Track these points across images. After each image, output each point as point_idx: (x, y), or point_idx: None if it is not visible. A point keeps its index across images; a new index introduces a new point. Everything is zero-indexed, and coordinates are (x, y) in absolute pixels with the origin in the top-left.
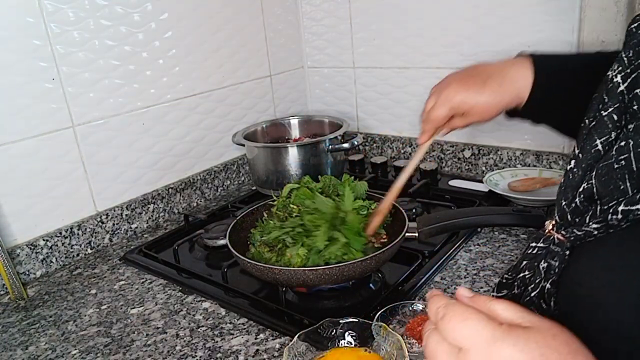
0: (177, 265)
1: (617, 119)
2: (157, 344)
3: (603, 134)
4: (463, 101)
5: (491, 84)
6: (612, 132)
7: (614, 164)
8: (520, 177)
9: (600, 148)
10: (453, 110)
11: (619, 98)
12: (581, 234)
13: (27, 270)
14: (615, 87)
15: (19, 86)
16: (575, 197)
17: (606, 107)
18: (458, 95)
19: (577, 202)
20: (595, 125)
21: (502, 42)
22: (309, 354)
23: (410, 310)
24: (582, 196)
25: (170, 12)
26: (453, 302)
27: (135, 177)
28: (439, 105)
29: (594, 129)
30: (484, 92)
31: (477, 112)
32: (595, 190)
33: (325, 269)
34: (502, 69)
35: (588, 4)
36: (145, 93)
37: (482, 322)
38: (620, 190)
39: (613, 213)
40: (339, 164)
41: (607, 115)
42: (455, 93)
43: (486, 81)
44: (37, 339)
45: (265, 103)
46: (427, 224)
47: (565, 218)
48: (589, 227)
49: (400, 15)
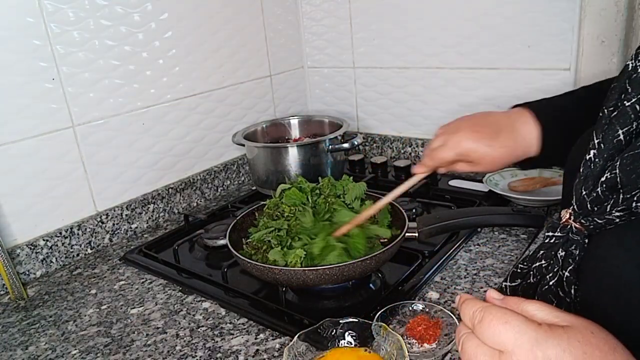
0: (177, 265)
1: (639, 109)
2: (157, 344)
3: (625, 124)
4: (473, 150)
5: (502, 137)
6: (634, 122)
7: (639, 154)
8: (520, 177)
9: (622, 138)
10: (460, 157)
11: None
12: (602, 222)
13: (27, 270)
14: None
15: (19, 86)
16: (596, 187)
17: (629, 97)
18: (469, 143)
19: (599, 191)
20: (617, 115)
21: (502, 42)
22: (309, 354)
23: (410, 310)
24: (604, 186)
25: (170, 12)
26: (489, 305)
27: (135, 177)
28: (448, 149)
29: (616, 118)
30: (496, 144)
31: (486, 162)
32: (619, 179)
33: (326, 269)
34: (510, 123)
35: (588, 4)
36: (145, 93)
37: (524, 324)
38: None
39: (638, 201)
40: (339, 164)
41: (630, 105)
42: (466, 140)
43: (498, 133)
44: (37, 339)
45: (265, 103)
46: (427, 224)
47: (585, 207)
48: (611, 215)
49: (400, 15)
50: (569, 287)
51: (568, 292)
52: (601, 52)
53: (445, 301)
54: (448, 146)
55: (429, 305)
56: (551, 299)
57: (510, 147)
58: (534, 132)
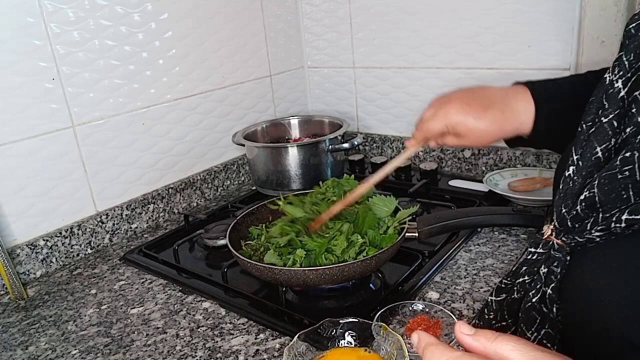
0: (177, 265)
1: (617, 125)
2: (157, 344)
3: (603, 141)
4: (461, 122)
5: (493, 111)
6: (612, 138)
7: (617, 174)
8: (520, 177)
9: (600, 155)
10: (449, 128)
11: (619, 104)
12: (583, 240)
13: (27, 270)
14: (616, 93)
15: (19, 86)
16: (576, 205)
17: (606, 113)
18: (458, 115)
19: (578, 209)
20: (594, 131)
21: (502, 42)
22: (309, 354)
23: (410, 310)
24: (584, 204)
25: (170, 12)
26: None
27: (135, 177)
28: (436, 120)
29: (594, 135)
30: (485, 118)
31: (473, 136)
32: (597, 199)
33: (326, 269)
34: (505, 98)
35: (588, 3)
36: (145, 93)
37: None
38: (623, 199)
39: (617, 222)
40: (339, 164)
41: (608, 122)
42: (455, 112)
43: (488, 108)
44: (37, 339)
45: (265, 103)
46: (427, 224)
47: (566, 224)
48: (591, 234)
49: (400, 15)
50: (551, 305)
51: (550, 309)
52: (601, 52)
53: (445, 301)
54: (436, 117)
55: (429, 305)
56: (534, 316)
57: (499, 121)
58: (529, 110)
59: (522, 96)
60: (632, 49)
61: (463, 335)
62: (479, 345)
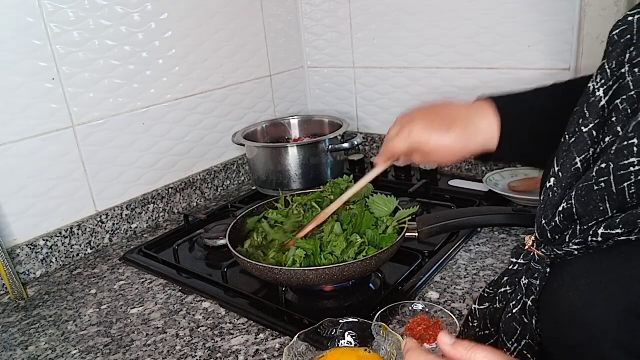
0: (177, 265)
1: (596, 135)
2: (157, 344)
3: (582, 152)
4: (424, 141)
5: (456, 130)
6: (590, 148)
7: (593, 186)
8: (520, 177)
9: (579, 166)
10: (413, 147)
11: (599, 113)
12: (562, 253)
13: (27, 270)
14: (597, 102)
15: (19, 86)
16: (555, 216)
17: (586, 122)
18: (421, 134)
19: (557, 221)
20: (574, 141)
21: (502, 42)
22: (309, 354)
23: (410, 310)
24: (562, 216)
25: (170, 12)
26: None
27: (135, 177)
28: (400, 139)
29: (574, 145)
30: (448, 136)
31: (438, 154)
32: (575, 210)
33: (325, 269)
34: (468, 115)
35: (588, 3)
36: (145, 93)
37: None
38: (600, 211)
39: (593, 235)
40: (339, 164)
41: (587, 131)
42: (418, 131)
43: (451, 126)
44: (37, 339)
45: (265, 103)
46: (427, 224)
47: (546, 236)
48: (570, 247)
49: (400, 15)
50: (530, 317)
51: (530, 320)
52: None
53: (445, 301)
54: (401, 137)
55: (429, 305)
56: (515, 327)
57: (463, 139)
58: (493, 126)
59: (486, 112)
60: (614, 57)
61: (443, 344)
62: (457, 353)
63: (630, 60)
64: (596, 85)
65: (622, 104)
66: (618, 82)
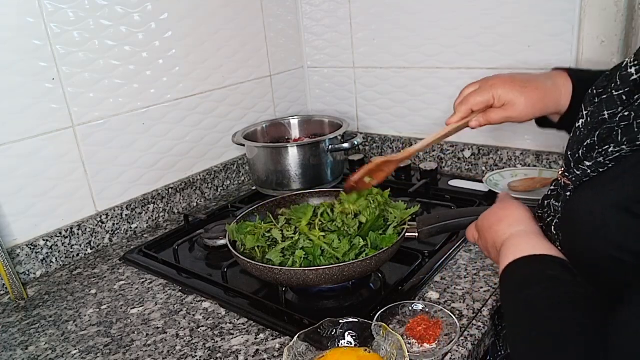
0: (177, 265)
1: (625, 99)
2: (157, 344)
3: (611, 108)
4: (506, 93)
5: (536, 83)
6: (619, 107)
7: (615, 127)
8: (520, 177)
9: (606, 117)
10: (494, 99)
11: (630, 84)
12: (579, 172)
13: (27, 270)
14: (629, 76)
15: (19, 86)
16: (579, 149)
17: (617, 88)
18: (503, 87)
19: (580, 153)
20: (606, 98)
21: (502, 42)
22: (309, 354)
23: (410, 310)
24: (585, 149)
25: (170, 12)
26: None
27: (135, 177)
28: (482, 92)
29: (605, 101)
30: (529, 89)
31: (517, 108)
32: (595, 142)
33: (326, 269)
34: (546, 77)
35: (588, 3)
36: (145, 93)
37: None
38: (614, 140)
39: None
40: (339, 164)
41: (618, 95)
42: (500, 85)
43: (531, 81)
44: (37, 339)
45: (265, 103)
46: (427, 223)
47: (570, 165)
48: (584, 165)
49: (400, 15)
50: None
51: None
52: (601, 52)
53: (445, 301)
54: (482, 90)
55: (429, 305)
56: (551, 236)
57: (541, 93)
58: (568, 87)
59: (561, 76)
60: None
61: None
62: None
63: None
64: (629, 63)
65: None
66: None
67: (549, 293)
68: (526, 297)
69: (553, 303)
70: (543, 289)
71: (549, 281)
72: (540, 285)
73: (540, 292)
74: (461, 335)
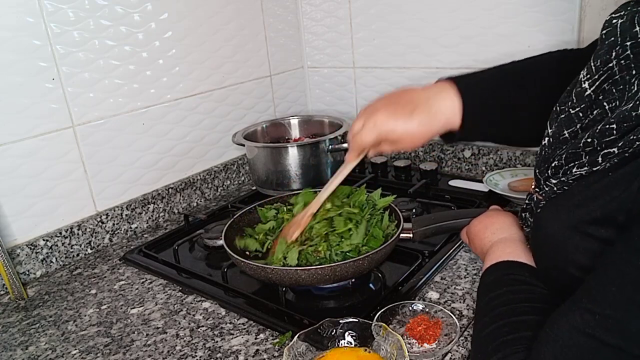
0: (177, 265)
1: (582, 116)
2: (157, 344)
3: (570, 127)
4: (392, 130)
5: (419, 114)
6: (577, 124)
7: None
8: (520, 177)
9: (567, 136)
10: (380, 137)
11: (585, 100)
12: (547, 189)
13: (27, 270)
14: (583, 92)
15: (19, 86)
16: (547, 170)
17: (574, 105)
18: (386, 123)
19: (549, 172)
20: (564, 118)
21: (502, 42)
22: (309, 354)
23: (410, 310)
24: (553, 170)
25: (170, 12)
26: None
27: (135, 177)
28: (367, 131)
29: (563, 120)
30: (412, 121)
31: (405, 140)
32: (563, 164)
33: (318, 269)
34: (428, 98)
35: (588, 3)
36: (145, 93)
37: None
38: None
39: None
40: (339, 164)
41: (575, 113)
42: (383, 121)
43: (414, 111)
44: (37, 339)
45: (265, 103)
46: (422, 225)
47: (540, 182)
48: (551, 182)
49: (400, 15)
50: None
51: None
52: None
53: (445, 301)
54: (366, 129)
55: (429, 305)
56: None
57: (426, 122)
58: (455, 106)
59: (446, 93)
60: (599, 56)
61: None
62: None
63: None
64: (583, 79)
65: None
66: (600, 79)
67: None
68: (489, 298)
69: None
70: (504, 291)
71: (512, 284)
72: (502, 288)
73: (501, 294)
74: (461, 335)
